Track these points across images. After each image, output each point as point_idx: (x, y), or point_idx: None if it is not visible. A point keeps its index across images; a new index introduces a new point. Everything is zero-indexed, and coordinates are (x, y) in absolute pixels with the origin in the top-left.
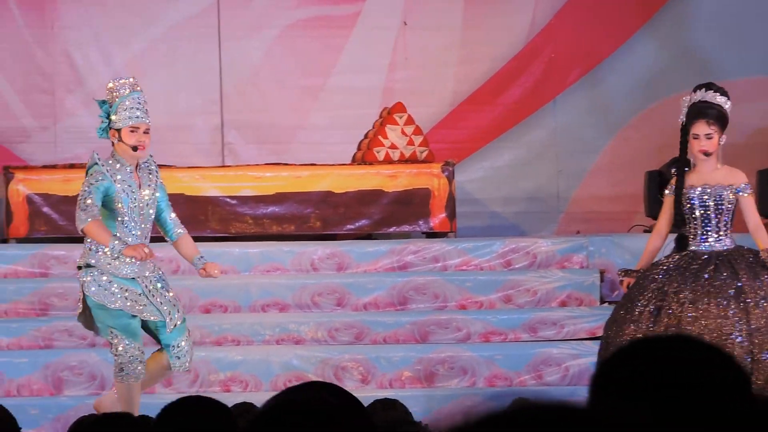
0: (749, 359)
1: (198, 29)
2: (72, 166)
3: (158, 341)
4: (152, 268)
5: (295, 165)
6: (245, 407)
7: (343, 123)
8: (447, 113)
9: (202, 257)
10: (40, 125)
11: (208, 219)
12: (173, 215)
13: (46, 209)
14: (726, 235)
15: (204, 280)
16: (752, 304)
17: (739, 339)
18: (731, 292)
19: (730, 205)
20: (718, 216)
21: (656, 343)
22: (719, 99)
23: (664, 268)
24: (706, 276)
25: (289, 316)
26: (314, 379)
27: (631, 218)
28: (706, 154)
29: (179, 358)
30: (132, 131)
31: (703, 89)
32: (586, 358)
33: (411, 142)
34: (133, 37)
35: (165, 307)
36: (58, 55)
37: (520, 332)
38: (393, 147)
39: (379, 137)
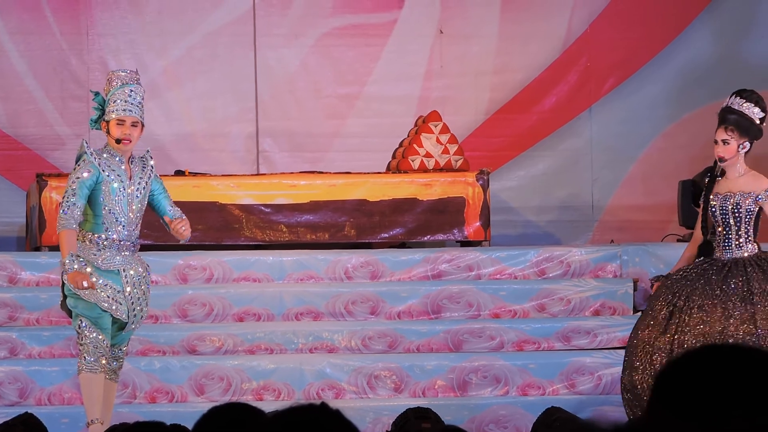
0: None
1: (234, 37)
2: None
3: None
4: (141, 266)
5: (330, 173)
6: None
7: (378, 131)
8: (482, 122)
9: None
10: (74, 133)
11: (242, 227)
12: (171, 203)
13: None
14: (748, 241)
15: (238, 288)
16: (760, 306)
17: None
18: (739, 297)
19: (749, 212)
20: (738, 223)
21: (711, 354)
22: (745, 106)
23: (684, 274)
24: (718, 282)
25: (323, 324)
26: (347, 387)
27: (665, 227)
28: (721, 160)
29: (116, 360)
30: (118, 123)
31: (733, 96)
32: (620, 367)
33: (446, 151)
34: (169, 45)
35: (134, 311)
36: (93, 63)
37: (553, 341)
38: (428, 155)
39: (414, 146)
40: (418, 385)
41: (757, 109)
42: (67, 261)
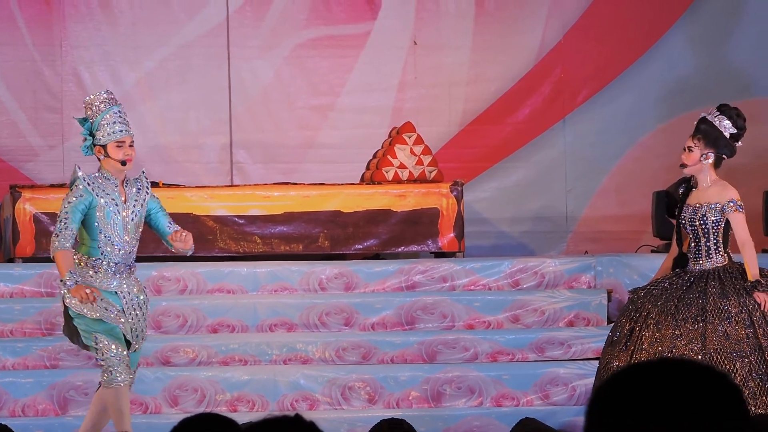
0: None
1: (208, 49)
2: None
3: None
4: (137, 287)
5: (304, 185)
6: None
7: (352, 143)
8: (456, 133)
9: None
10: (48, 144)
11: (216, 239)
12: (169, 220)
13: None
14: (717, 253)
15: (212, 300)
16: (711, 326)
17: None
18: (693, 312)
19: (715, 223)
20: (706, 234)
21: (649, 368)
22: (718, 118)
23: (651, 289)
24: (675, 299)
25: (297, 335)
26: (321, 398)
27: (639, 238)
28: (682, 166)
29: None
30: (118, 146)
31: (714, 108)
32: (593, 377)
33: (420, 162)
34: (143, 57)
35: (136, 331)
36: (67, 74)
37: (527, 352)
38: (402, 167)
39: (388, 157)
40: (392, 396)
41: (728, 123)
42: (67, 278)
